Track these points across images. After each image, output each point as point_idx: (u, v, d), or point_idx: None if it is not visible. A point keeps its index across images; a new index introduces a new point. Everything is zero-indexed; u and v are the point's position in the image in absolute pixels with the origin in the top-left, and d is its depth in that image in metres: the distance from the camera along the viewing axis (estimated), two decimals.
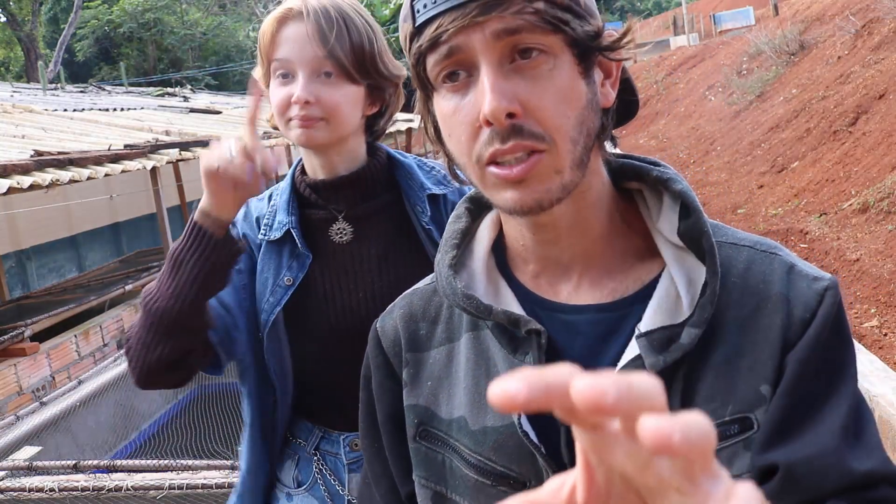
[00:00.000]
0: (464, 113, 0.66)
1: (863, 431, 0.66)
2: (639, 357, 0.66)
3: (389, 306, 0.84)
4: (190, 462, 2.97)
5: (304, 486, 1.39)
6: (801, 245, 6.61)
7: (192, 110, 13.66)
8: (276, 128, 1.33)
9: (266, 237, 1.33)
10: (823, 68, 12.11)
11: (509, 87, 0.63)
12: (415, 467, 0.77)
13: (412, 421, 0.77)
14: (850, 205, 6.84)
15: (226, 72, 28.99)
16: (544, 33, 0.64)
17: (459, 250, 0.76)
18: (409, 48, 0.68)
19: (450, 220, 0.79)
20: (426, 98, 0.71)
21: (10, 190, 5.41)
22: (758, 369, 0.66)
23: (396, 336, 0.80)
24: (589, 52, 0.66)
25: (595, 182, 0.71)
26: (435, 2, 0.65)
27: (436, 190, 1.34)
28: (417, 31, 0.67)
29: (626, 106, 0.75)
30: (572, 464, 0.66)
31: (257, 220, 1.35)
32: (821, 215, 7.22)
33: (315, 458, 1.38)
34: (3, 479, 3.04)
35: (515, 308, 0.72)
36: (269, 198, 1.37)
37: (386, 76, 1.30)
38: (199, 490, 2.68)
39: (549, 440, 0.68)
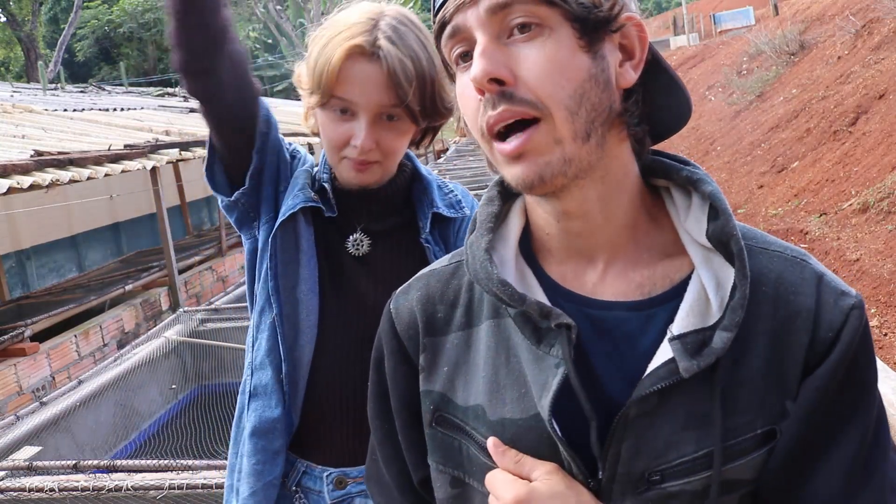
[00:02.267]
0: (469, 89, 0.68)
1: (870, 477, 0.67)
2: (672, 360, 0.65)
3: (404, 286, 0.83)
4: (190, 462, 2.97)
5: None
6: (802, 245, 6.61)
7: (192, 110, 13.64)
8: (316, 134, 1.31)
9: (305, 168, 1.33)
10: (823, 68, 12.10)
11: (499, 56, 0.65)
12: (430, 453, 0.77)
13: (428, 407, 0.76)
14: (850, 205, 6.84)
15: None
16: (536, 5, 0.65)
17: (493, 234, 0.75)
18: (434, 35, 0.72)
19: (482, 202, 0.77)
20: (454, 83, 0.73)
21: (10, 190, 5.41)
22: (784, 385, 0.67)
23: (413, 319, 0.79)
24: (588, 25, 0.66)
25: (615, 167, 0.70)
26: None
27: (445, 212, 1.32)
28: (435, 15, 0.70)
29: (676, 100, 0.74)
30: (601, 457, 0.67)
31: (296, 154, 1.36)
32: (821, 215, 7.22)
33: (297, 495, 1.31)
34: (3, 479, 3.04)
35: (542, 299, 0.71)
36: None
37: (442, 114, 1.26)
38: (199, 490, 2.68)
39: (574, 434, 0.68)
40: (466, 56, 0.68)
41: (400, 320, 0.80)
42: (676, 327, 0.67)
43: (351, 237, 1.31)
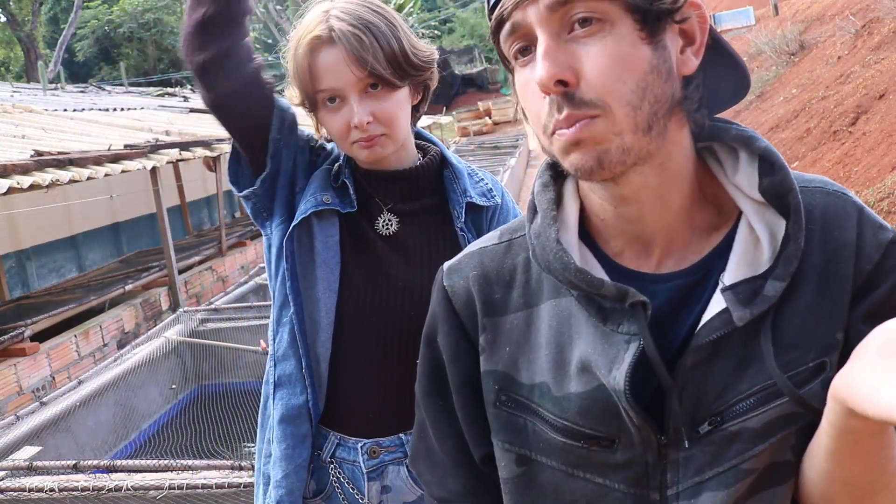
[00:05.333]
0: (531, 86, 0.68)
1: None
2: (725, 310, 0.67)
3: (453, 263, 0.83)
4: (190, 462, 2.98)
5: (321, 496, 1.37)
6: None
7: (192, 110, 13.65)
8: (329, 140, 1.37)
9: (327, 165, 1.36)
10: (823, 68, 12.10)
11: (562, 55, 0.65)
12: (495, 433, 0.77)
13: (491, 387, 0.77)
14: None
15: None
16: (597, 0, 0.64)
17: (558, 223, 0.75)
18: (490, 30, 0.72)
19: (537, 189, 0.77)
20: (513, 76, 0.73)
21: (10, 190, 5.41)
22: (834, 317, 0.69)
23: (470, 299, 0.79)
24: (650, 16, 0.65)
25: (677, 154, 0.70)
26: None
27: (478, 200, 1.36)
28: (491, 11, 0.70)
29: (734, 77, 0.73)
30: (669, 412, 0.69)
31: (322, 150, 1.40)
32: None
33: (331, 465, 1.36)
34: (3, 479, 3.04)
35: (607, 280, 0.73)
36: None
37: (422, 67, 1.30)
38: (199, 490, 2.69)
39: (637, 399, 0.69)
40: (525, 51, 0.68)
41: (457, 298, 0.80)
42: (728, 277, 0.68)
43: (380, 217, 1.35)
